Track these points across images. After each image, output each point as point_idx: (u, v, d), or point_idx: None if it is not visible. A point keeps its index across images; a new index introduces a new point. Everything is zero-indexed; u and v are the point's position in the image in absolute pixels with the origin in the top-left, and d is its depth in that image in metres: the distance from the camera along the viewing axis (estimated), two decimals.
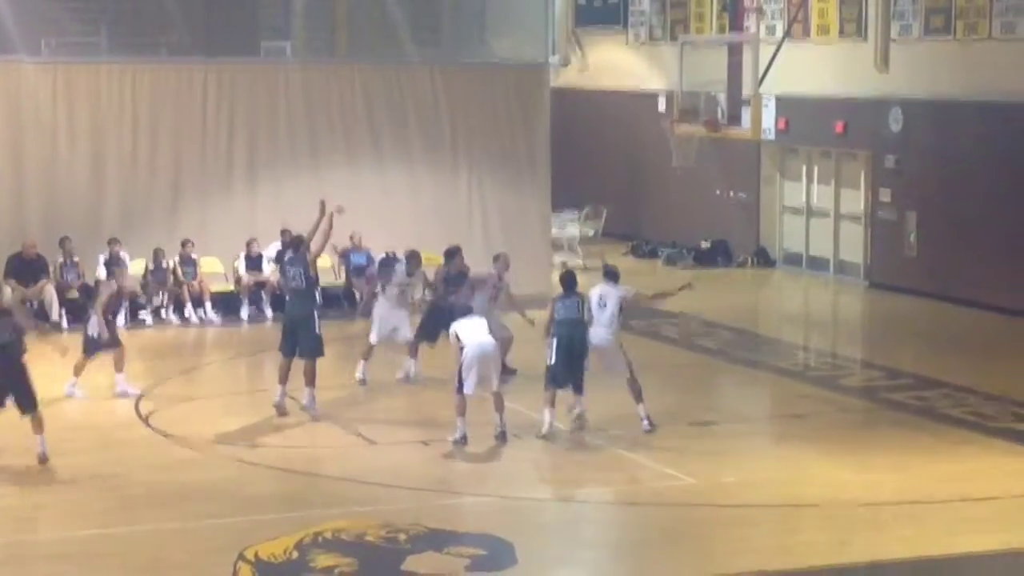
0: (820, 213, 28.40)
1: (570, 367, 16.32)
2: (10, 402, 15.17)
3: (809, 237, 28.68)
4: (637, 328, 22.99)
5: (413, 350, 19.15)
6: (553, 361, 16.34)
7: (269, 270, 23.76)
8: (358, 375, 18.92)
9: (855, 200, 27.46)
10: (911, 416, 17.59)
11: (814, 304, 27.13)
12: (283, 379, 17.34)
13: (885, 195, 26.55)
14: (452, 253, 19.64)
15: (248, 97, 24.59)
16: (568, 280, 16.82)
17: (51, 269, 22.87)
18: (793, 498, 14.39)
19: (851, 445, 16.35)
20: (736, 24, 29.13)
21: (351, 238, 23.69)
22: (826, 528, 13.51)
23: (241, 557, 12.36)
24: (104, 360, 18.24)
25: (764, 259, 29.40)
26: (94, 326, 18.19)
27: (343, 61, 26.90)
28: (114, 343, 18.26)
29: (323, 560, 12.34)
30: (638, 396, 16.58)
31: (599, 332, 16.50)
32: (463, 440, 15.89)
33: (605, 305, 16.53)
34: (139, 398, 18.08)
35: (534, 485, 14.83)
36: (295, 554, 12.49)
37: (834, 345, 23.29)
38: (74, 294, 22.88)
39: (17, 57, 23.39)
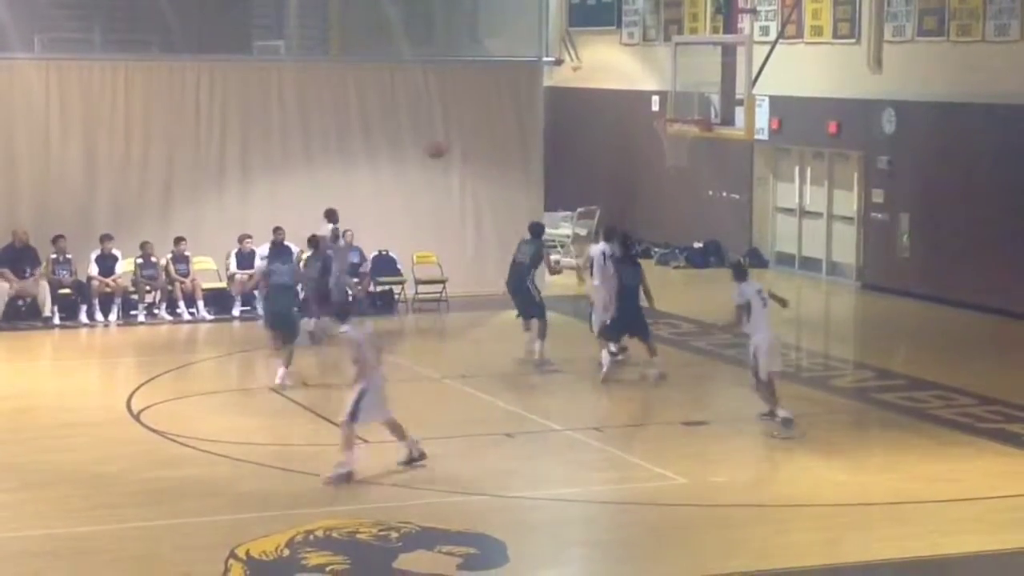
0: (813, 214, 28.41)
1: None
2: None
3: (802, 238, 28.68)
4: None
5: None
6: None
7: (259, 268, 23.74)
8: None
9: (848, 201, 27.47)
10: (902, 417, 17.62)
11: (806, 305, 27.07)
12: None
13: (878, 196, 26.57)
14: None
15: (241, 95, 24.58)
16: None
17: (43, 264, 22.85)
18: (784, 498, 14.40)
19: (842, 446, 16.37)
20: (730, 25, 29.13)
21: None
22: (817, 528, 13.52)
23: (232, 555, 12.35)
24: (95, 359, 18.20)
25: (756, 260, 29.39)
26: None
27: (336, 60, 26.92)
28: None
29: (315, 558, 12.33)
30: None
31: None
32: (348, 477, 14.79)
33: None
34: None
35: (526, 484, 14.81)
36: (286, 552, 12.48)
37: (826, 346, 23.32)
38: (67, 291, 22.87)
39: (10, 53, 23.36)
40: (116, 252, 23.11)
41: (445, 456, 15.67)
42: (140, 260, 23.19)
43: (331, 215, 22.54)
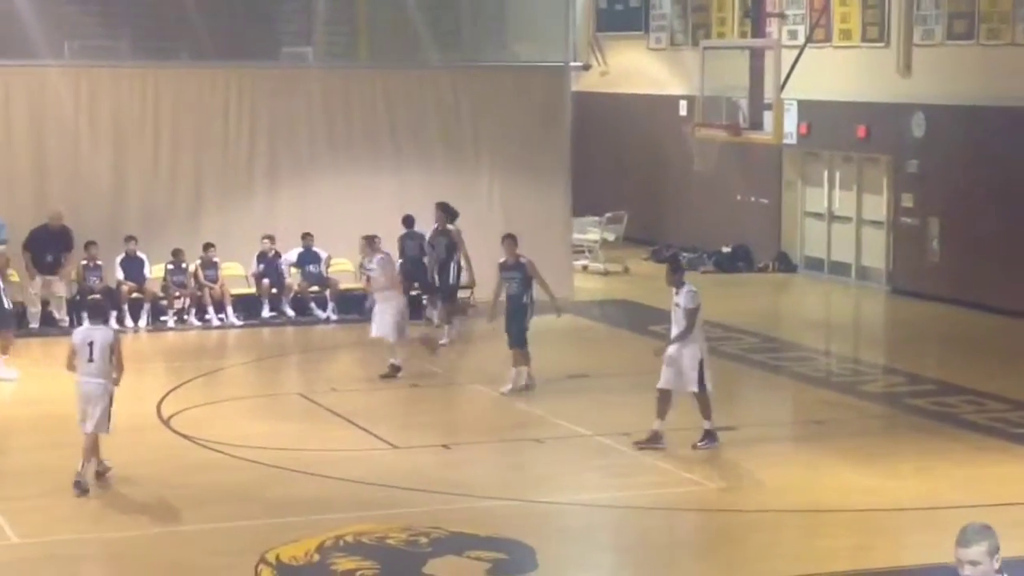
0: (842, 218, 28.33)
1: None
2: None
3: (831, 242, 28.60)
4: (659, 333, 23.00)
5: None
6: None
7: (291, 274, 23.84)
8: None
9: (877, 205, 27.38)
10: (933, 422, 17.53)
11: (836, 310, 27.06)
12: None
13: (907, 200, 26.48)
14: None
15: (269, 102, 24.64)
16: None
17: (73, 267, 22.84)
18: (814, 504, 14.35)
19: (873, 451, 16.30)
20: (758, 29, 29.08)
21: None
22: (847, 534, 13.47)
23: (262, 560, 12.36)
24: (125, 364, 18.16)
25: (785, 264, 29.35)
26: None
27: (364, 66, 26.94)
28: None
29: (344, 563, 12.33)
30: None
31: None
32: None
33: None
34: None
35: (555, 489, 14.80)
36: (316, 557, 12.48)
37: (856, 351, 23.23)
38: (96, 297, 22.91)
39: (40, 61, 23.46)
40: (141, 255, 23.18)
41: (474, 461, 15.67)
42: (171, 266, 23.26)
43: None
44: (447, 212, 22.59)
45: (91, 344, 14.38)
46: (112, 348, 14.41)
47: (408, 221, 23.14)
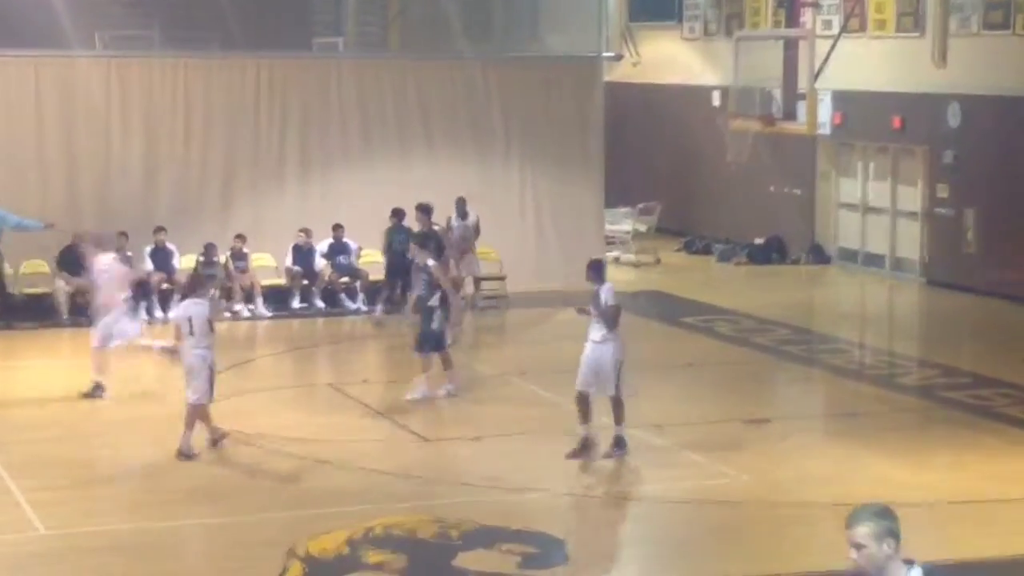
0: (876, 209, 28.13)
1: None
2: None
3: (865, 234, 28.41)
4: (691, 324, 22.91)
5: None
6: None
7: (321, 265, 23.80)
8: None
9: (912, 196, 27.19)
10: (969, 415, 17.37)
11: (870, 301, 26.88)
12: None
13: (943, 191, 26.29)
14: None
15: (300, 92, 24.59)
16: None
17: None
18: (848, 497, 14.16)
19: (907, 444, 16.16)
20: (792, 19, 28.90)
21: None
22: None
23: (292, 552, 12.31)
24: (154, 355, 18.17)
25: (819, 256, 29.16)
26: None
27: (395, 56, 26.91)
28: None
29: (374, 556, 12.27)
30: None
31: None
32: None
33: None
34: None
35: (586, 482, 14.71)
36: (346, 549, 12.43)
37: (890, 343, 23.04)
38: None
39: (71, 51, 23.46)
40: (170, 246, 23.17)
41: (505, 453, 15.58)
42: (202, 258, 23.23)
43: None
44: (427, 213, 21.30)
45: (190, 319, 15.32)
46: (209, 321, 15.39)
47: (397, 213, 22.85)
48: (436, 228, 21.51)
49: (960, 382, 19.10)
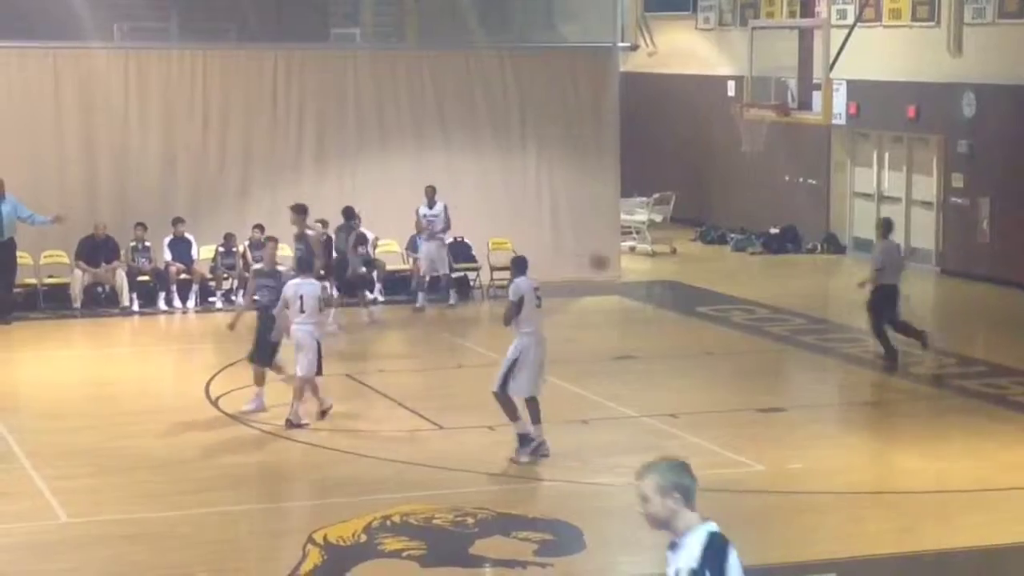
0: (891, 199, 28.14)
1: None
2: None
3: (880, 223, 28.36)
4: (706, 314, 22.97)
5: None
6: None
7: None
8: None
9: (927, 186, 27.21)
10: (983, 404, 17.42)
11: None
12: None
13: (957, 180, 26.30)
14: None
15: (318, 83, 24.68)
16: None
17: (122, 253, 23.08)
18: (861, 485, 14.30)
19: (921, 433, 16.22)
20: (807, 8, 28.92)
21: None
22: (894, 516, 13.41)
23: (310, 540, 12.42)
24: (174, 345, 18.31)
25: (834, 245, 29.20)
26: None
27: (412, 47, 26.96)
28: None
29: (391, 543, 12.37)
30: None
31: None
32: None
33: None
34: None
35: (602, 470, 14.79)
36: (363, 537, 12.53)
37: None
38: (145, 278, 23.09)
39: (89, 43, 23.57)
40: (189, 236, 23.30)
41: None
42: (222, 249, 23.34)
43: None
44: (301, 214, 20.85)
45: (301, 297, 16.02)
46: (320, 300, 16.24)
47: (347, 213, 22.83)
48: (310, 232, 20.90)
49: (974, 371, 19.15)
